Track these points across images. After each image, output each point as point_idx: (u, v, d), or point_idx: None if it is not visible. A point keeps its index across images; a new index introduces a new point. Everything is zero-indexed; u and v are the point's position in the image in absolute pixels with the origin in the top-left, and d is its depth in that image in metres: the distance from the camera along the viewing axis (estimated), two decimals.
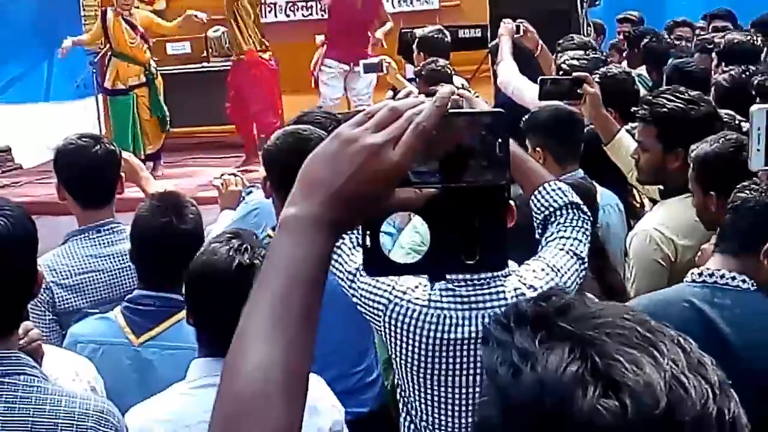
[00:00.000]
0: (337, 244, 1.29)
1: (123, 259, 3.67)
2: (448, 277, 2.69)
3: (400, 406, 3.00)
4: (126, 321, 3.28)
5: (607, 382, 0.99)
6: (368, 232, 1.30)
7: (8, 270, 2.27)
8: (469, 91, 6.15)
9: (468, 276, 2.80)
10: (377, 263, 1.31)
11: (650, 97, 4.15)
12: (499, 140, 1.25)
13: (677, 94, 4.04)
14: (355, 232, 1.32)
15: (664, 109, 3.97)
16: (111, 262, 3.75)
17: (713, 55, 6.19)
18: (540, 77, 5.13)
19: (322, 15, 12.09)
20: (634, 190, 4.65)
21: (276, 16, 12.42)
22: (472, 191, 1.26)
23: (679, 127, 3.86)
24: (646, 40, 7.91)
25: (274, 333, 1.19)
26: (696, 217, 3.63)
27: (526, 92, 5.87)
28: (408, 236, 3.76)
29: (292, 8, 12.44)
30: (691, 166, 3.55)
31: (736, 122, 4.24)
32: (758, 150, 2.84)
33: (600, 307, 1.08)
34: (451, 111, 1.25)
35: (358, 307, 2.91)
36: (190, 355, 3.24)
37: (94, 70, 11.73)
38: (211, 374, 2.67)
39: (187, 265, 3.34)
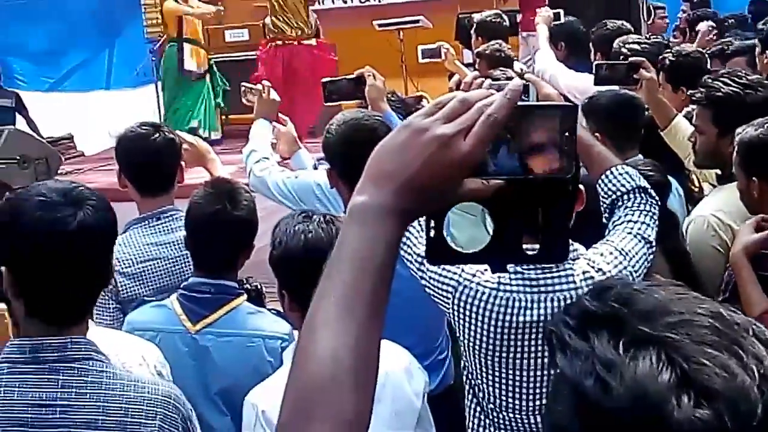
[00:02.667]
0: None
1: (182, 247, 3.68)
2: (509, 267, 2.68)
3: (466, 388, 3.01)
4: (182, 308, 3.31)
5: (699, 389, 0.97)
6: (432, 222, 1.31)
7: (89, 260, 2.29)
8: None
9: None
10: (440, 252, 1.32)
11: (708, 80, 4.10)
12: (566, 134, 1.25)
13: (735, 78, 4.00)
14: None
15: (720, 93, 3.93)
16: (171, 250, 3.77)
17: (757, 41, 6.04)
18: (595, 62, 5.09)
19: (379, 0, 12.10)
20: (693, 175, 4.59)
21: (333, 2, 12.43)
22: (538, 183, 1.27)
23: (734, 110, 3.81)
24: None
25: (344, 319, 1.20)
26: None
27: (561, 80, 5.92)
28: None
29: None
30: (735, 149, 3.50)
31: None
32: None
33: (669, 297, 1.06)
34: (521, 103, 1.25)
35: (427, 290, 2.92)
36: (246, 341, 3.27)
37: (154, 58, 11.85)
38: None
39: (241, 251, 3.37)
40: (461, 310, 2.86)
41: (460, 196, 1.27)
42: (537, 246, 1.32)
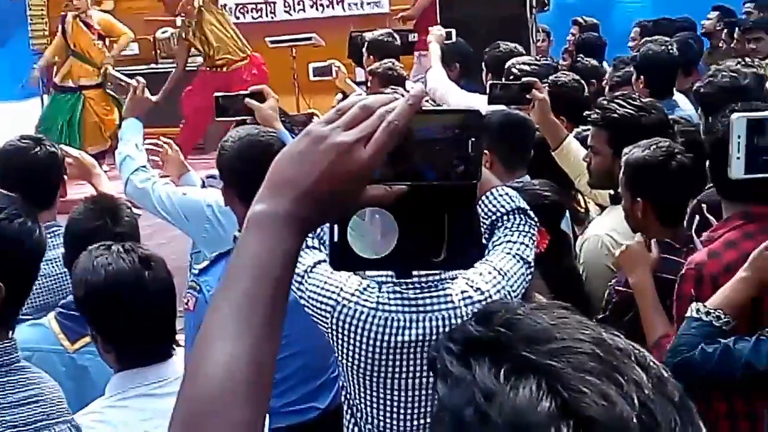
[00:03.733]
0: None
1: (62, 264, 3.60)
2: (414, 273, 2.67)
3: (344, 408, 3.00)
4: (60, 327, 3.22)
5: (578, 419, 0.94)
6: (336, 227, 1.29)
7: None
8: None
9: (416, 278, 2.80)
10: (344, 258, 1.31)
11: (603, 102, 4.16)
12: (472, 139, 1.24)
13: (630, 100, 4.07)
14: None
15: (615, 114, 4.00)
16: (51, 267, 3.66)
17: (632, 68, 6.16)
18: (490, 82, 5.13)
19: (272, 17, 12.07)
20: (579, 196, 4.65)
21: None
22: (442, 189, 1.26)
23: (629, 132, 3.85)
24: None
25: (239, 330, 1.17)
26: None
27: (451, 99, 5.99)
28: None
29: (241, 11, 12.37)
30: (621, 169, 3.55)
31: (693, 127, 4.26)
32: (738, 158, 2.82)
33: (552, 322, 1.03)
34: (423, 109, 1.23)
35: (306, 308, 2.89)
36: None
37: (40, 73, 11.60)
38: (137, 384, 2.61)
39: None
40: (339, 329, 2.84)
41: (362, 202, 1.26)
42: (441, 252, 1.30)
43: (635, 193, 3.51)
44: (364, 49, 7.67)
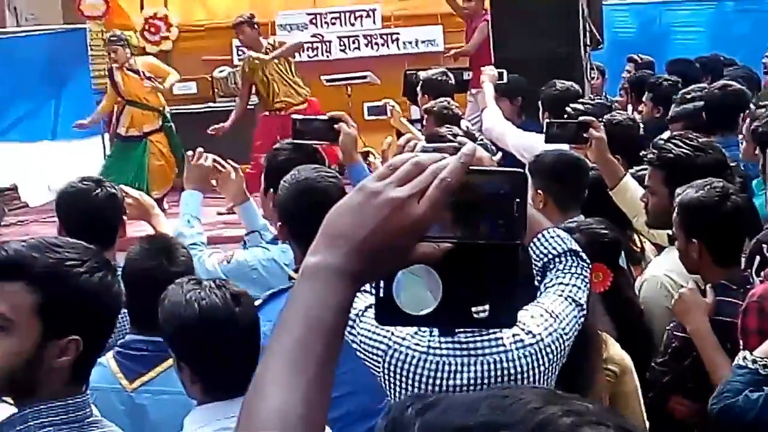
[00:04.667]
0: None
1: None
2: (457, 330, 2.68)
3: None
4: (119, 366, 3.25)
5: None
6: (382, 282, 1.31)
7: None
8: (475, 135, 6.21)
9: None
10: (389, 313, 1.33)
11: (660, 142, 4.17)
12: (517, 200, 1.27)
13: (686, 140, 4.08)
14: None
15: (671, 154, 4.00)
16: None
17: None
18: (546, 121, 5.14)
19: (327, 56, 12.18)
20: (635, 235, 4.63)
21: None
22: (487, 248, 1.28)
23: (685, 172, 3.85)
24: (651, 81, 7.89)
25: (292, 379, 1.20)
26: None
27: (508, 139, 6.01)
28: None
29: None
30: (675, 210, 3.54)
31: None
32: None
33: (463, 412, 1.03)
34: (472, 168, 1.26)
35: (358, 352, 2.89)
36: (183, 400, 3.21)
37: None
38: (214, 419, 2.66)
39: None
40: (391, 373, 2.83)
41: (412, 259, 1.28)
42: (485, 310, 1.32)
43: (690, 234, 3.50)
44: (418, 88, 7.72)
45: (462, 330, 2.79)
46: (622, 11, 14.60)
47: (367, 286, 2.86)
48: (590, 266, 2.99)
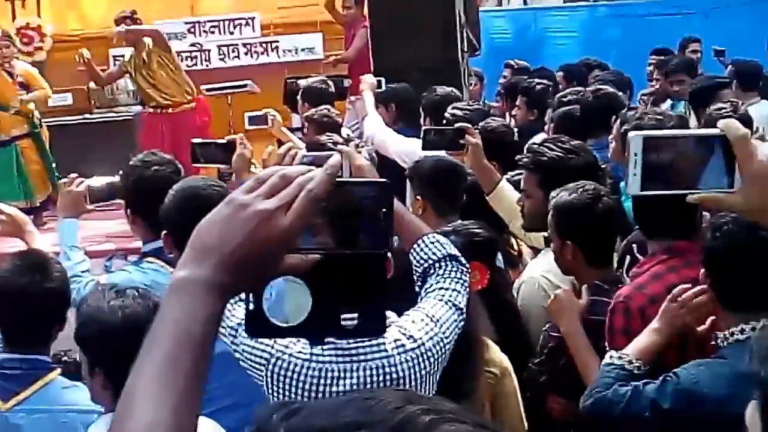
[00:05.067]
0: None
1: None
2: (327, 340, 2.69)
3: None
4: None
5: None
6: (252, 295, 1.34)
7: None
8: (356, 143, 6.23)
9: None
10: (259, 325, 1.35)
11: (534, 145, 4.24)
12: (383, 210, 1.30)
13: (558, 143, 4.14)
14: None
15: (544, 157, 4.05)
16: None
17: None
18: (423, 128, 5.19)
19: (206, 65, 12.09)
20: (512, 239, 4.70)
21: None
22: (354, 258, 1.31)
23: (558, 174, 3.92)
24: (524, 85, 8.02)
25: (162, 393, 1.20)
26: None
27: (390, 146, 6.07)
28: None
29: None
30: (550, 212, 3.61)
31: None
32: (635, 175, 2.89)
33: (327, 415, 1.05)
34: (338, 180, 1.29)
35: (241, 362, 2.89)
36: (60, 417, 3.17)
37: None
38: None
39: (54, 324, 3.27)
40: (275, 381, 2.83)
41: (280, 270, 1.30)
42: (354, 319, 1.34)
43: (563, 236, 3.57)
44: (298, 96, 7.71)
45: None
46: (499, 17, 14.84)
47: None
48: (468, 269, 3.03)
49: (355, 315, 1.34)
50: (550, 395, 3.59)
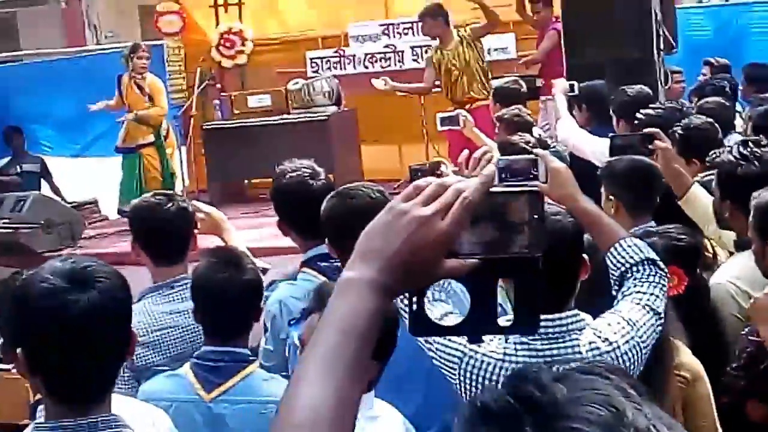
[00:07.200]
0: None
1: None
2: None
3: None
4: (196, 377, 3.32)
5: None
6: (415, 297, 1.43)
7: (100, 340, 2.27)
8: (548, 143, 6.20)
9: (542, 330, 2.80)
10: (422, 324, 1.46)
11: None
12: (535, 216, 1.38)
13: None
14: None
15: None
16: (185, 318, 3.76)
17: None
18: (611, 134, 5.10)
19: (400, 66, 12.23)
20: (707, 243, 4.59)
21: (355, 67, 12.56)
22: (510, 262, 1.39)
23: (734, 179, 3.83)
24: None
25: (324, 376, 1.32)
26: None
27: (586, 146, 6.00)
28: None
29: (370, 60, 12.58)
30: (752, 212, 3.51)
31: None
32: None
33: (575, 395, 1.06)
34: (492, 188, 1.39)
35: (434, 361, 2.93)
36: (260, 408, 3.28)
37: (176, 124, 11.99)
38: None
39: (252, 315, 3.40)
40: (466, 380, 2.85)
41: (440, 273, 1.39)
42: (509, 318, 1.44)
43: (765, 237, 3.47)
44: (491, 97, 7.73)
45: (538, 337, 2.80)
46: (698, 14, 14.41)
47: (443, 296, 2.91)
48: (668, 274, 2.99)
49: (510, 315, 1.44)
50: (750, 401, 3.49)
